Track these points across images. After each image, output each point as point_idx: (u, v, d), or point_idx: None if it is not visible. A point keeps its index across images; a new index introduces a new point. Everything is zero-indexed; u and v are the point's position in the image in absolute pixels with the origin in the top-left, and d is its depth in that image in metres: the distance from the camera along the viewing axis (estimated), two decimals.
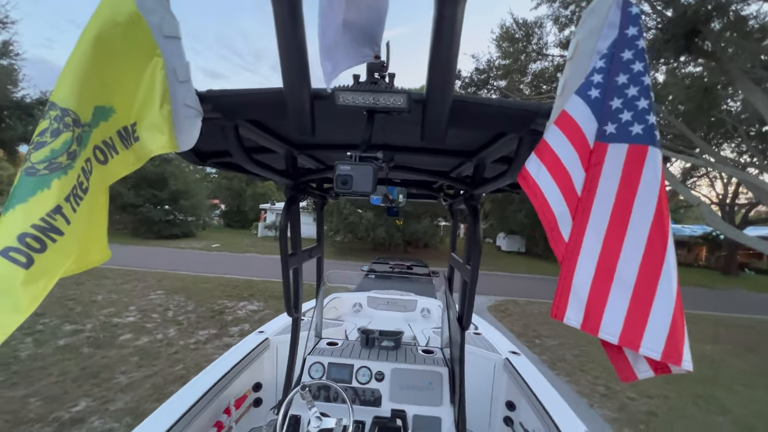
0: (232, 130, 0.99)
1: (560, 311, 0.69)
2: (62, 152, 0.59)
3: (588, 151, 0.67)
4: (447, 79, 0.72)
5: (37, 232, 0.56)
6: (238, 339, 5.45)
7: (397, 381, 1.90)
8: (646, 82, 0.63)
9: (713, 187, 21.70)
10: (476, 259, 1.45)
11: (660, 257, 0.61)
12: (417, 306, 3.93)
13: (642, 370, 0.64)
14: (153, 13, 0.67)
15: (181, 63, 0.73)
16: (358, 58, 0.75)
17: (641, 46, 0.63)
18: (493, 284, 12.33)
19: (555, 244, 0.70)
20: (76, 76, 0.61)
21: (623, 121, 0.64)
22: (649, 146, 0.62)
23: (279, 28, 0.69)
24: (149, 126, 0.71)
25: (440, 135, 0.81)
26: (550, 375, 5.16)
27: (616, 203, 0.64)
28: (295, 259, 1.69)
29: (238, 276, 10.93)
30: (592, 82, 0.66)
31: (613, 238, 0.65)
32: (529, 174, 0.72)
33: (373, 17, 0.70)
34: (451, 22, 0.65)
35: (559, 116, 0.69)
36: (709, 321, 9.18)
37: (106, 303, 7.20)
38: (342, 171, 0.69)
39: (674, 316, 0.59)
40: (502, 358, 2.40)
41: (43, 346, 4.89)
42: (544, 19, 11.41)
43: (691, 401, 4.66)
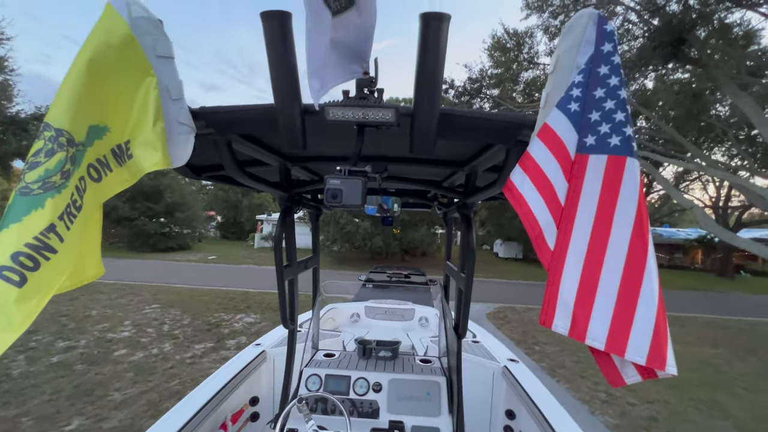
0: (225, 145, 1.01)
1: (548, 318, 0.70)
2: (56, 172, 0.60)
3: (569, 162, 0.69)
4: (433, 93, 0.74)
5: (31, 251, 0.57)
6: (234, 352, 5.38)
7: (394, 392, 1.89)
8: (622, 96, 0.65)
9: (706, 191, 21.99)
10: (470, 267, 1.46)
11: (641, 263, 0.62)
12: (415, 315, 3.91)
13: (630, 375, 0.65)
14: (146, 35, 0.69)
15: (174, 81, 0.75)
16: (346, 75, 0.77)
17: (617, 62, 0.65)
18: (491, 291, 12.30)
19: (541, 252, 0.72)
20: (71, 98, 0.62)
21: (602, 133, 0.66)
22: (627, 157, 0.64)
23: (269, 45, 0.71)
24: (142, 143, 0.72)
25: (428, 147, 0.83)
26: (550, 382, 5.13)
27: (598, 212, 0.66)
28: (290, 270, 1.69)
29: (234, 288, 10.85)
30: (571, 96, 0.69)
31: (596, 245, 0.66)
32: (513, 185, 0.74)
33: (360, 35, 0.72)
34: (436, 38, 0.68)
35: (542, 129, 0.72)
36: (707, 324, 9.19)
37: (100, 318, 7.11)
38: (332, 185, 0.71)
39: (657, 321, 0.60)
40: (501, 366, 2.39)
41: (35, 364, 4.80)
42: (534, 29, 11.67)
43: (692, 406, 4.64)
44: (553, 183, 0.70)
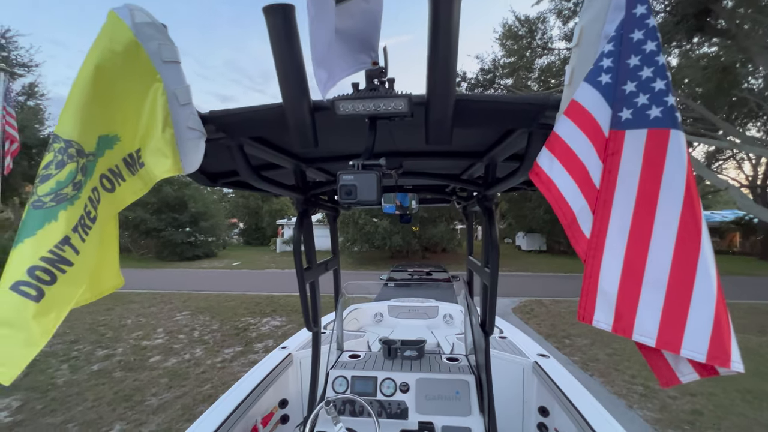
0: (238, 149, 1.00)
1: (588, 313, 0.64)
2: (68, 183, 0.60)
3: (603, 140, 0.63)
4: (448, 78, 0.70)
5: (47, 265, 0.57)
6: (262, 355, 5.49)
7: (422, 392, 1.85)
8: (661, 62, 0.58)
9: (741, 169, 20.73)
10: (495, 261, 1.41)
11: (695, 248, 0.56)
12: (439, 312, 3.86)
13: (685, 373, 0.58)
14: (151, 40, 0.69)
15: (181, 87, 0.74)
16: (355, 66, 0.74)
17: (652, 24, 0.59)
18: (516, 285, 12.03)
19: (575, 241, 0.66)
20: (78, 108, 0.62)
21: (639, 105, 0.60)
22: (671, 129, 0.57)
23: (274, 42, 0.69)
24: (153, 151, 0.72)
25: (445, 136, 0.78)
26: (584, 377, 4.95)
27: (639, 193, 0.60)
28: (311, 273, 1.69)
29: (259, 292, 11.07)
30: (601, 67, 0.62)
31: (639, 230, 0.60)
32: (541, 169, 0.68)
33: (367, 23, 0.69)
34: (447, 16, 0.63)
35: (569, 106, 0.65)
36: (752, 310, 8.65)
37: (134, 326, 7.40)
38: (345, 181, 0.68)
39: (717, 313, 0.53)
40: (531, 362, 2.31)
41: (78, 372, 5.05)
42: (547, 14, 11.31)
43: (739, 397, 4.37)
44: (586, 164, 0.64)
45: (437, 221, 18.99)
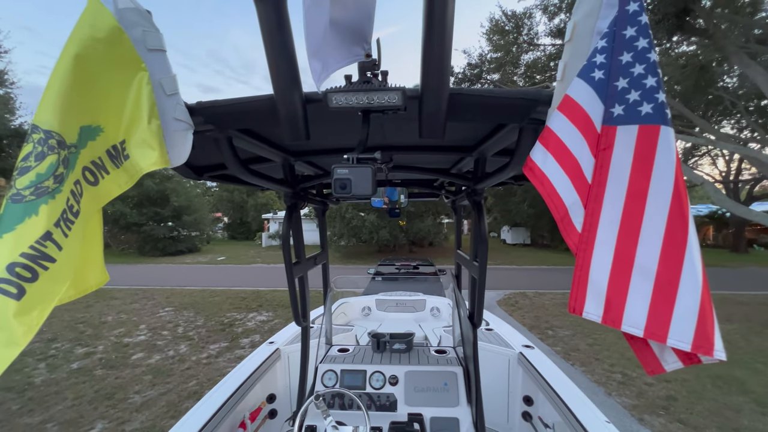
0: (226, 142, 0.97)
1: (578, 305, 0.65)
2: (48, 176, 0.57)
3: (596, 135, 0.64)
4: (442, 72, 0.70)
5: (28, 261, 0.54)
6: (249, 350, 5.44)
7: (411, 384, 1.87)
8: (653, 59, 0.60)
9: (715, 165, 21.54)
10: (483, 254, 1.43)
11: (682, 241, 0.57)
12: (426, 305, 3.90)
13: (670, 361, 0.60)
14: (135, 27, 0.65)
15: (167, 76, 0.71)
16: (348, 58, 0.73)
17: (644, 21, 0.60)
18: (501, 278, 12.26)
19: (567, 234, 0.67)
20: (58, 97, 0.59)
21: (631, 101, 0.61)
22: (661, 125, 0.59)
23: (265, 32, 0.67)
24: (139, 143, 0.69)
25: (439, 130, 0.78)
26: (565, 366, 5.11)
27: (630, 188, 0.61)
28: (299, 267, 1.67)
29: (245, 287, 10.94)
30: (594, 63, 0.63)
31: (629, 224, 0.62)
32: (535, 164, 0.69)
33: (360, 14, 0.67)
34: (442, 10, 0.63)
35: (563, 101, 0.66)
36: (723, 300, 9.07)
37: (116, 323, 7.21)
38: (340, 175, 0.67)
39: (702, 303, 0.56)
40: (516, 353, 2.37)
41: (56, 371, 4.89)
42: (533, 10, 11.38)
43: (710, 383, 4.59)
44: (579, 159, 0.65)
45: (424, 215, 19.09)
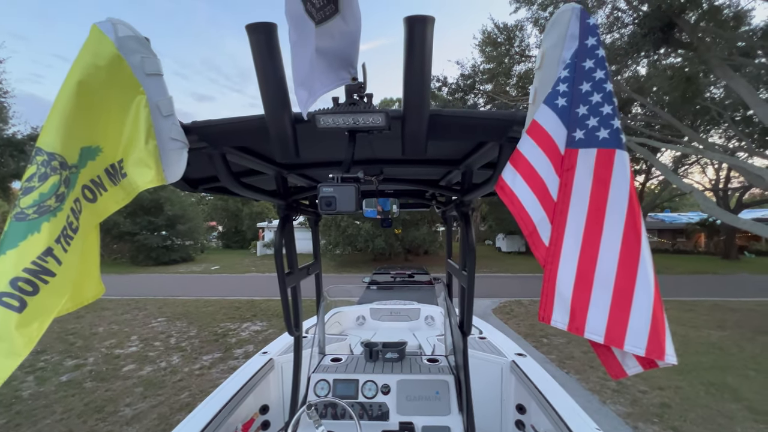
0: (220, 158, 1.01)
1: (547, 314, 0.70)
2: (50, 195, 0.61)
3: (560, 157, 0.70)
4: (422, 95, 0.74)
5: (29, 276, 0.57)
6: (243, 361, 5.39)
7: (403, 393, 1.89)
8: (609, 89, 0.65)
9: (705, 174, 21.92)
10: (472, 264, 1.46)
11: (635, 254, 0.62)
12: (420, 314, 3.91)
13: (630, 366, 0.65)
14: (134, 54, 0.70)
15: (164, 98, 0.75)
16: (335, 82, 0.77)
17: (601, 55, 0.65)
18: (496, 286, 12.29)
19: (536, 248, 0.72)
20: (61, 121, 0.63)
21: (590, 126, 0.66)
22: (616, 149, 0.64)
23: (256, 58, 0.71)
24: (136, 162, 0.73)
25: (420, 148, 0.83)
26: (560, 374, 5.12)
27: (590, 205, 0.66)
28: (292, 277, 1.70)
29: (239, 297, 10.86)
30: (558, 91, 0.69)
31: (590, 239, 0.66)
32: (505, 183, 0.74)
33: (346, 42, 0.72)
34: (421, 41, 0.68)
35: (530, 125, 0.72)
36: (715, 307, 9.16)
37: (107, 334, 7.12)
38: (325, 193, 0.71)
39: (654, 311, 0.60)
40: (509, 361, 2.39)
41: (45, 384, 4.81)
42: (524, 22, 11.66)
43: (703, 390, 4.63)
44: (545, 179, 0.70)
45: (419, 224, 19.15)
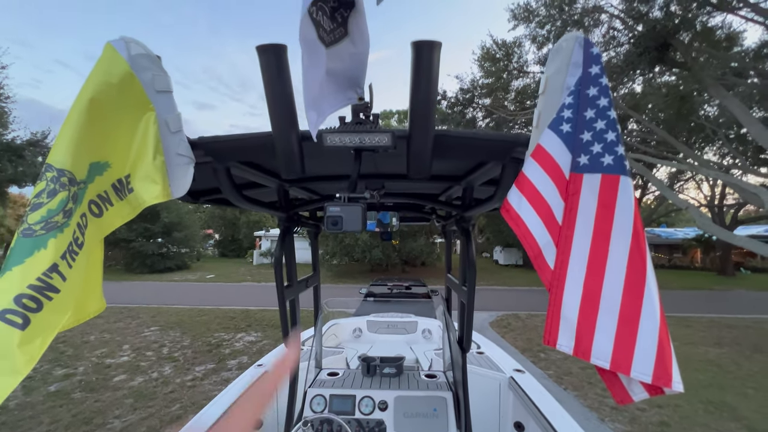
0: (224, 172, 1.02)
1: (552, 337, 0.70)
2: (58, 211, 0.61)
3: (564, 181, 0.71)
4: (427, 116, 0.76)
5: (34, 292, 0.57)
6: (237, 372, 5.30)
7: (401, 409, 1.86)
8: (612, 116, 0.67)
9: (700, 190, 22.12)
10: (472, 279, 1.46)
11: (641, 279, 0.63)
12: (418, 327, 3.88)
13: (637, 392, 0.64)
14: (145, 71, 0.71)
15: (172, 115, 0.76)
16: (342, 102, 0.79)
17: (604, 83, 0.67)
18: (493, 299, 12.24)
19: (541, 271, 0.72)
20: (72, 137, 0.63)
21: (594, 152, 0.68)
22: (621, 175, 0.65)
23: (266, 78, 0.73)
24: (143, 177, 0.73)
25: (425, 168, 0.84)
26: (558, 390, 5.06)
27: (595, 230, 0.67)
28: (291, 290, 1.69)
29: (235, 306, 10.74)
30: (562, 117, 0.70)
31: (596, 263, 0.67)
32: (511, 206, 0.75)
33: (355, 63, 0.74)
34: (428, 64, 0.70)
35: (535, 150, 0.73)
36: (712, 324, 9.15)
37: (98, 343, 6.99)
38: (332, 212, 0.71)
39: (660, 338, 0.60)
40: (507, 377, 2.37)
41: (32, 394, 4.70)
42: (522, 39, 11.90)
43: (702, 408, 4.58)
44: (550, 203, 0.71)
45: (417, 235, 19.15)
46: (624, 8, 9.16)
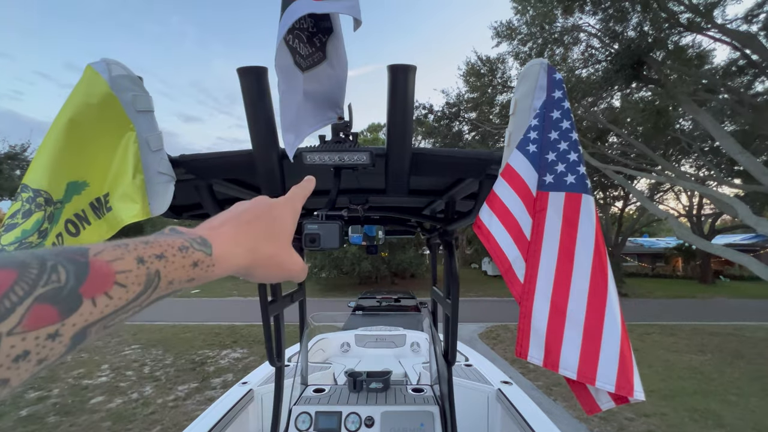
0: (206, 188, 1.03)
1: (524, 349, 0.72)
2: (33, 232, 0.60)
3: (532, 199, 0.74)
4: (404, 136, 0.79)
5: None
6: (221, 391, 5.14)
7: (387, 425, 1.84)
8: (574, 138, 0.71)
9: (679, 200, 22.85)
10: (455, 292, 1.48)
11: (603, 293, 0.66)
12: (406, 341, 3.86)
13: (604, 401, 0.66)
14: (126, 92, 0.72)
15: (153, 134, 0.77)
16: (322, 122, 0.81)
17: (566, 107, 0.71)
18: (482, 310, 12.26)
19: (511, 285, 0.75)
20: (50, 158, 0.63)
21: (558, 171, 0.71)
22: (583, 194, 0.69)
23: (247, 99, 0.75)
24: (122, 196, 0.73)
25: (402, 185, 0.86)
26: (547, 401, 5.07)
27: (561, 246, 0.70)
28: (275, 306, 1.67)
29: (220, 322, 10.48)
30: (529, 138, 0.74)
31: (561, 277, 0.70)
32: (482, 222, 0.77)
33: (333, 85, 0.76)
34: (403, 87, 0.73)
35: (505, 169, 0.77)
36: (695, 331, 9.35)
37: (75, 363, 6.71)
38: (309, 230, 0.72)
39: (622, 349, 0.63)
40: (495, 389, 2.37)
41: (2, 419, 4.46)
42: (506, 55, 12.29)
43: (687, 416, 4.65)
44: (518, 219, 0.74)
45: (406, 247, 19.15)
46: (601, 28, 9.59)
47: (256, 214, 0.39)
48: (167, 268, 0.27)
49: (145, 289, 0.26)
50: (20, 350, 0.19)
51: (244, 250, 0.36)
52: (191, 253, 0.30)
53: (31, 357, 0.20)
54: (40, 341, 0.20)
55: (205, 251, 0.31)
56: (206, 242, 0.32)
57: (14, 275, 0.20)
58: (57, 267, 0.21)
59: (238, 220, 0.37)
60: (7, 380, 0.19)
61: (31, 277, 0.20)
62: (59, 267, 0.21)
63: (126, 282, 0.24)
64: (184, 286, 0.29)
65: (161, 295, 0.28)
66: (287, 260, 0.41)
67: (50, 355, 0.21)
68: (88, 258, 0.23)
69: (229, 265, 0.34)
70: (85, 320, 0.22)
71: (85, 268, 0.23)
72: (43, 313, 0.20)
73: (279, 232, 0.41)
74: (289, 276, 0.42)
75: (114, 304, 0.24)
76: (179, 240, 0.30)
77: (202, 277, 0.31)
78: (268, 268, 0.39)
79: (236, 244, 0.35)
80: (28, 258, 0.21)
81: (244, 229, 0.37)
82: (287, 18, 0.61)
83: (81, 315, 0.22)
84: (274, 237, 0.40)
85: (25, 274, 0.20)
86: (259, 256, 0.37)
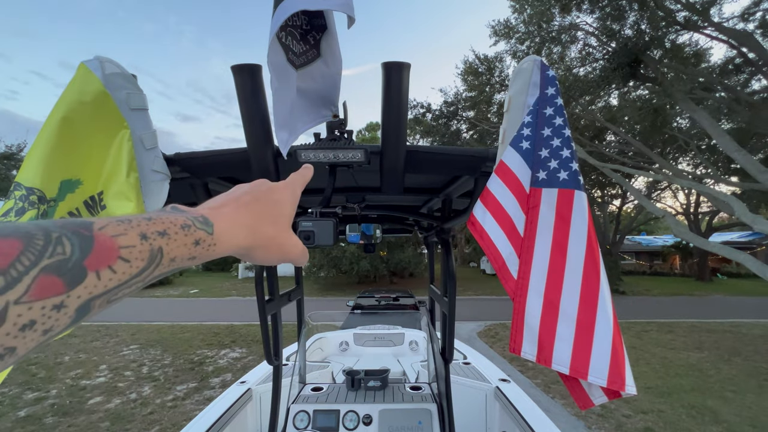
0: (201, 187, 1.02)
1: (517, 345, 0.72)
2: None
3: (525, 195, 0.74)
4: (399, 133, 0.79)
5: None
6: (219, 391, 5.14)
7: (385, 423, 1.85)
8: (567, 134, 0.71)
9: (677, 198, 22.92)
10: (453, 290, 1.48)
11: (595, 289, 0.66)
12: (405, 339, 3.86)
13: (597, 396, 0.67)
14: (120, 90, 0.72)
15: (147, 132, 0.77)
16: (317, 120, 0.81)
17: (560, 103, 0.72)
18: (481, 309, 12.28)
19: (505, 281, 0.75)
20: (43, 156, 0.63)
21: (551, 168, 0.72)
22: (575, 190, 0.70)
23: (241, 98, 0.75)
24: (116, 194, 0.73)
25: (397, 183, 0.87)
26: (545, 399, 5.09)
27: (553, 241, 0.71)
28: (273, 305, 1.67)
29: (218, 322, 10.47)
30: (522, 134, 0.74)
31: (554, 273, 0.70)
32: (476, 219, 0.78)
33: (327, 83, 0.76)
34: (398, 84, 0.73)
35: (498, 165, 0.77)
36: (693, 328, 9.40)
37: (73, 364, 6.69)
38: (304, 227, 0.72)
39: (614, 343, 0.63)
40: (493, 387, 2.38)
41: (0, 420, 4.45)
42: (503, 54, 12.28)
43: (685, 413, 4.67)
44: (512, 216, 0.74)
45: (405, 246, 19.16)
46: (598, 26, 9.61)
47: (255, 196, 0.39)
48: (170, 245, 0.27)
49: (148, 265, 0.26)
50: (27, 319, 0.20)
51: (245, 231, 0.36)
52: (193, 231, 0.30)
53: (37, 327, 0.20)
54: (46, 311, 0.20)
55: (207, 230, 0.31)
56: (208, 221, 0.32)
57: (20, 245, 0.20)
58: (62, 239, 0.22)
59: (237, 201, 0.38)
60: (14, 348, 0.20)
61: (36, 248, 0.20)
62: (64, 239, 0.22)
63: (129, 257, 0.25)
64: (185, 264, 0.30)
65: (163, 272, 0.28)
66: (287, 242, 0.41)
67: (55, 326, 0.21)
68: (93, 231, 0.23)
69: (230, 244, 0.34)
70: (90, 293, 0.22)
71: (90, 241, 0.23)
72: (49, 284, 0.20)
73: (279, 214, 0.41)
74: (289, 258, 0.42)
75: (117, 278, 0.24)
76: (181, 218, 0.30)
77: (204, 256, 0.31)
78: (268, 249, 0.39)
79: (237, 225, 0.35)
80: (33, 229, 0.21)
81: (243, 210, 0.37)
82: (279, 14, 0.61)
83: (86, 288, 0.22)
84: (274, 219, 0.40)
85: (31, 245, 0.20)
86: (259, 236, 0.38)
